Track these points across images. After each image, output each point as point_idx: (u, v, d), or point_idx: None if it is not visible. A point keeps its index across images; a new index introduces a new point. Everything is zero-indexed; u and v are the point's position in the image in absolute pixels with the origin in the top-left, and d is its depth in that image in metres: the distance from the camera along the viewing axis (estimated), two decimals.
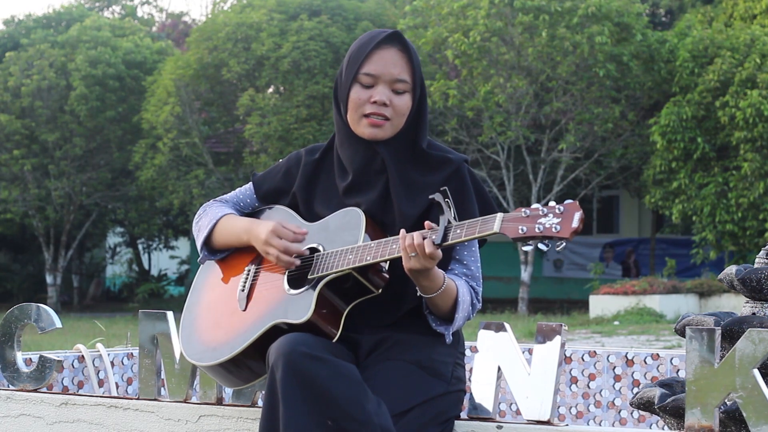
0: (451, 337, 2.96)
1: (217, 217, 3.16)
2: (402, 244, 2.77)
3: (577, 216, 2.59)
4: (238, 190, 3.26)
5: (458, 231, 2.74)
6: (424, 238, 2.76)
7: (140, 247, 30.83)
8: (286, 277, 2.99)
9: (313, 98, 21.37)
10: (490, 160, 20.93)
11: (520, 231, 2.63)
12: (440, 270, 2.86)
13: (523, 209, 2.65)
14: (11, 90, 23.64)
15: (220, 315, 3.07)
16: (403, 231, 2.80)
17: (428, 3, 20.52)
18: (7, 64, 24.15)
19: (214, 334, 3.05)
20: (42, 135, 23.62)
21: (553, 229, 2.60)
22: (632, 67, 19.50)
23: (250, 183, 3.25)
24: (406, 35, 19.89)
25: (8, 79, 23.67)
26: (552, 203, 2.64)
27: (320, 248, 2.97)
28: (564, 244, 2.61)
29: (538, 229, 2.61)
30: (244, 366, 2.98)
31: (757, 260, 3.58)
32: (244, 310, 3.00)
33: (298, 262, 2.96)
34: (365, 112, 2.97)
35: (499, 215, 2.68)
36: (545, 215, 2.62)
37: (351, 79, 2.98)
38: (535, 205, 2.64)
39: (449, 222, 2.76)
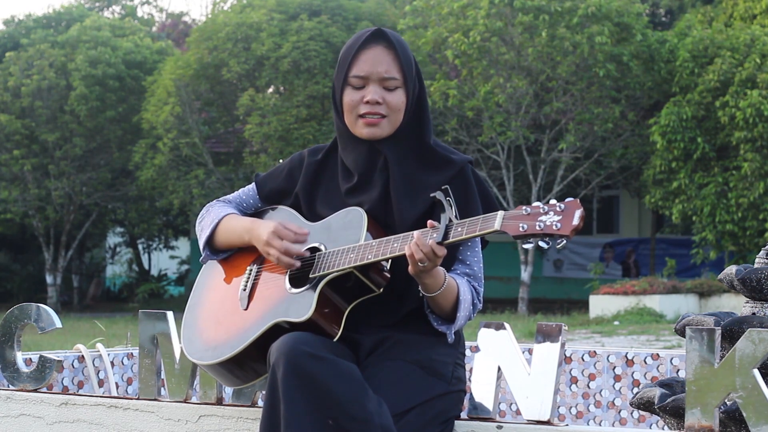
0: (453, 336, 2.96)
1: (219, 217, 3.17)
2: (408, 251, 2.77)
3: (578, 213, 2.59)
4: (240, 190, 3.27)
5: (459, 229, 2.74)
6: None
7: (140, 247, 30.81)
8: (287, 276, 2.99)
9: (313, 98, 21.36)
10: (490, 160, 20.92)
11: (521, 229, 2.64)
12: (442, 268, 2.87)
13: (524, 207, 2.65)
14: (11, 90, 23.62)
15: (221, 314, 3.07)
16: (409, 246, 2.79)
17: (428, 3, 20.51)
18: (7, 64, 24.14)
19: (215, 333, 3.05)
20: (42, 135, 23.61)
21: (554, 227, 2.60)
22: (632, 67, 19.49)
23: (253, 183, 3.26)
24: (405, 35, 20.04)
25: (8, 79, 23.65)
26: (553, 201, 2.65)
27: (322, 248, 2.97)
28: (564, 242, 2.62)
29: (539, 226, 2.62)
30: (244, 365, 2.98)
31: (757, 260, 3.58)
32: (246, 309, 3.01)
33: (298, 263, 2.97)
34: (360, 112, 3.00)
35: (500, 213, 2.69)
36: (546, 213, 2.63)
37: (342, 83, 3.02)
38: (535, 203, 2.65)
39: (450, 220, 2.76)
